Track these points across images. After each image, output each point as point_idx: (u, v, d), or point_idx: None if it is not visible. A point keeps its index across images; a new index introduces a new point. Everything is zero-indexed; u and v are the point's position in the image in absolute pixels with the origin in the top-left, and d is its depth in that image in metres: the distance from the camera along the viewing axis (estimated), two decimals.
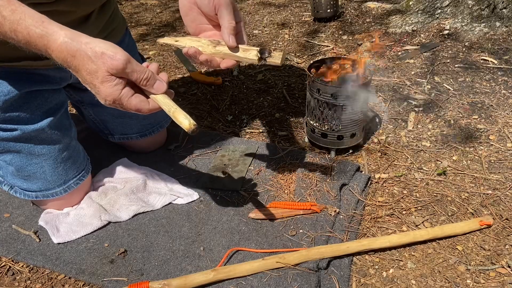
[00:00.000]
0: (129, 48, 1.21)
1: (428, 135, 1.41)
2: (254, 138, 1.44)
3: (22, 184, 1.07)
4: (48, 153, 1.03)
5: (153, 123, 1.29)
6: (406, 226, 1.07)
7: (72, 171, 1.09)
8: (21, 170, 1.03)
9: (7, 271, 0.99)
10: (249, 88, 1.75)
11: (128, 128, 1.27)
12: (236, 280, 0.93)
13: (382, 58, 1.92)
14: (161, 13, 2.72)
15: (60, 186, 1.08)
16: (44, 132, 1.01)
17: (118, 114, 1.23)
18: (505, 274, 0.94)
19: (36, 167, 1.03)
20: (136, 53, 1.26)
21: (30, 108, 0.98)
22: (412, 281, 0.94)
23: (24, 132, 0.98)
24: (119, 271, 0.97)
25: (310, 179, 1.19)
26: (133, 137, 1.28)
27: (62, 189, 1.08)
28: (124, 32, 1.21)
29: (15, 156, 1.01)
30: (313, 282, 0.91)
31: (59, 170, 1.06)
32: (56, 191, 1.08)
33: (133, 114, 1.23)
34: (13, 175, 1.05)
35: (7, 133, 0.97)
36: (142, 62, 1.25)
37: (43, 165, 1.04)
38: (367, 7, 2.48)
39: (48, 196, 1.08)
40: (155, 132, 1.30)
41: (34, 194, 1.07)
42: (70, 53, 0.68)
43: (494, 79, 1.68)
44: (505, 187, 1.18)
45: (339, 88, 1.19)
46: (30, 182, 1.05)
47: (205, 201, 1.16)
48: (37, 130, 0.99)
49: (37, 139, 1.01)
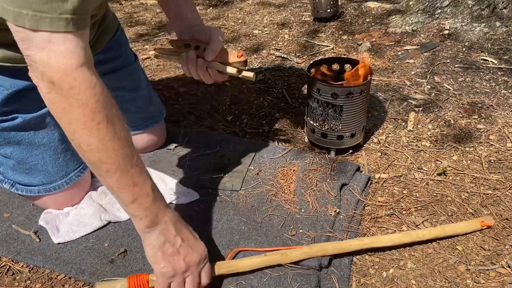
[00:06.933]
0: (119, 43, 1.22)
1: (428, 135, 1.41)
2: (254, 138, 1.44)
3: (23, 179, 1.07)
4: (48, 143, 1.04)
5: (146, 117, 1.28)
6: (406, 226, 1.07)
7: (73, 162, 1.10)
8: (22, 162, 1.04)
9: (7, 271, 0.99)
10: (249, 88, 1.75)
11: None
12: (236, 280, 0.93)
13: (382, 58, 1.92)
14: (161, 13, 2.72)
15: (62, 178, 1.08)
16: (43, 120, 1.02)
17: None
18: (505, 274, 0.94)
19: (37, 158, 1.04)
20: (128, 49, 1.27)
21: (30, 98, 0.99)
22: (412, 281, 0.94)
23: (24, 119, 0.99)
24: (119, 271, 0.97)
25: (310, 179, 1.19)
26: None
27: (64, 181, 1.08)
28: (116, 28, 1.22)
29: (15, 148, 1.02)
30: (313, 282, 0.91)
31: (60, 161, 1.07)
32: (58, 184, 1.08)
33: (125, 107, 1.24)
34: (13, 170, 1.06)
35: (7, 123, 0.98)
36: (134, 59, 1.27)
37: (44, 156, 1.04)
38: (367, 7, 2.48)
39: (51, 190, 1.08)
40: (149, 126, 1.29)
41: (36, 189, 1.07)
42: (182, 223, 0.86)
43: (494, 79, 1.68)
44: (505, 187, 1.18)
45: (339, 88, 1.19)
46: (32, 176, 1.06)
47: (205, 201, 1.16)
48: (36, 117, 1.01)
49: (37, 127, 1.02)
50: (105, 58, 1.16)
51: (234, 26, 2.42)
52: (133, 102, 1.25)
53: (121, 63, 1.21)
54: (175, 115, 1.56)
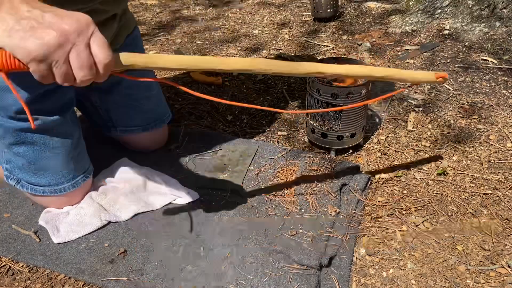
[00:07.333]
0: (136, 41, 1.24)
1: (428, 135, 1.41)
2: (254, 138, 1.44)
3: (30, 179, 1.07)
4: (61, 146, 1.04)
5: (156, 117, 1.31)
6: (406, 226, 1.07)
7: (81, 167, 1.11)
8: (33, 163, 1.04)
9: (7, 271, 0.99)
10: (249, 88, 1.76)
11: (131, 120, 1.28)
12: (236, 280, 0.93)
13: (382, 58, 1.92)
14: (161, 13, 2.72)
15: (69, 181, 1.08)
16: (60, 126, 1.02)
17: (122, 104, 1.24)
18: (505, 274, 0.94)
19: (48, 160, 1.04)
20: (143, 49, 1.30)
21: (51, 101, 0.99)
22: (412, 281, 0.94)
23: (44, 122, 0.99)
24: (119, 271, 0.97)
25: (310, 179, 1.19)
26: (135, 130, 1.29)
27: (70, 184, 1.09)
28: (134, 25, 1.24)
29: (29, 148, 1.02)
30: (313, 282, 0.91)
31: (71, 165, 1.07)
32: (64, 186, 1.08)
33: (136, 106, 1.24)
34: (22, 169, 1.06)
35: (27, 123, 0.97)
36: None
37: (55, 159, 1.05)
38: (367, 7, 2.48)
39: (56, 192, 1.08)
40: (157, 126, 1.31)
41: (41, 189, 1.08)
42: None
43: (494, 79, 1.68)
44: (505, 187, 1.18)
45: (339, 88, 1.19)
46: (40, 176, 1.06)
47: (205, 201, 1.16)
48: (55, 121, 1.01)
49: (54, 132, 1.02)
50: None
51: (234, 26, 2.42)
52: (145, 101, 1.27)
53: None
54: (175, 115, 1.56)
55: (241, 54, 2.06)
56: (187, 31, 2.39)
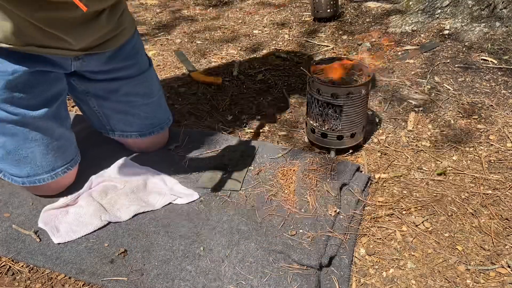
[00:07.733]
0: (137, 49, 1.22)
1: (428, 135, 1.41)
2: (254, 138, 1.44)
3: (11, 169, 1.09)
4: (41, 139, 1.07)
5: (154, 123, 1.29)
6: (406, 226, 1.07)
7: (61, 160, 1.12)
8: (12, 153, 1.06)
9: (7, 271, 0.99)
10: (249, 88, 1.75)
11: (129, 126, 1.27)
12: (236, 280, 0.93)
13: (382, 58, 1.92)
14: (161, 13, 2.72)
15: (48, 173, 1.10)
16: (42, 120, 1.05)
17: (119, 110, 1.24)
18: (505, 274, 0.94)
19: (27, 151, 1.06)
20: (144, 54, 1.26)
21: (34, 93, 1.01)
22: (412, 281, 0.94)
23: (24, 117, 1.01)
24: (119, 271, 0.97)
25: (310, 179, 1.19)
26: (132, 136, 1.29)
27: (49, 175, 1.11)
28: (133, 32, 1.21)
29: (8, 139, 1.04)
30: (313, 282, 0.91)
31: (49, 157, 1.09)
32: (43, 177, 1.10)
33: (135, 112, 1.24)
34: (2, 160, 1.08)
35: (7, 115, 1.00)
36: (149, 64, 1.26)
37: (34, 151, 1.07)
38: (367, 7, 2.48)
39: (35, 182, 1.10)
40: (154, 133, 1.30)
41: (20, 180, 1.10)
42: None
43: (494, 79, 1.68)
44: (505, 187, 1.18)
45: (339, 88, 1.19)
46: (19, 167, 1.08)
47: (205, 201, 1.16)
48: (35, 117, 1.03)
49: (35, 126, 1.04)
50: (124, 65, 1.18)
51: (234, 26, 2.42)
52: (144, 108, 1.26)
53: (137, 70, 1.21)
54: (175, 115, 1.56)
55: (241, 54, 2.06)
56: (187, 31, 2.39)
